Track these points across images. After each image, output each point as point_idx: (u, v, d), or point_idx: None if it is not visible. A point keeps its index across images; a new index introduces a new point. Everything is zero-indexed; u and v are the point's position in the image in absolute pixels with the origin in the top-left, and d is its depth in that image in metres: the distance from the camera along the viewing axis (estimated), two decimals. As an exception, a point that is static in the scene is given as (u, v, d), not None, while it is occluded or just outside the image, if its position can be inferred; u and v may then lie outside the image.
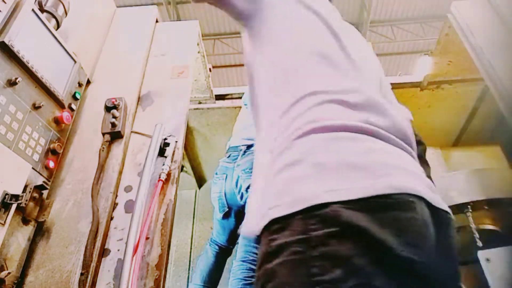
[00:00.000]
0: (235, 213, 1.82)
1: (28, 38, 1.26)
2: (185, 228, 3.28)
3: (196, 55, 2.11)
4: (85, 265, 1.15)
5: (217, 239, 1.91)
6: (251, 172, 1.67)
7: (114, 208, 1.35)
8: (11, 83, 1.17)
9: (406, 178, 0.62)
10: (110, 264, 1.23)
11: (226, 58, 10.11)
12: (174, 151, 1.49)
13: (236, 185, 1.75)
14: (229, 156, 1.86)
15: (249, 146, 1.79)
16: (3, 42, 1.14)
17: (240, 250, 1.57)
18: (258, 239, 0.65)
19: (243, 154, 1.77)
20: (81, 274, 1.14)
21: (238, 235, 1.72)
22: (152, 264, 1.24)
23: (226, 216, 1.84)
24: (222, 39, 9.63)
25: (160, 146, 1.45)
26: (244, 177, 1.70)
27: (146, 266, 1.23)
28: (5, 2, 1.20)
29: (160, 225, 1.32)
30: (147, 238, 1.27)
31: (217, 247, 1.90)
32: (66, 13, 1.61)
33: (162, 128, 1.48)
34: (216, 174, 1.88)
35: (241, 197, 1.74)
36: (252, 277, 1.47)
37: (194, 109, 2.71)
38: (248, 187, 1.68)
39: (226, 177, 1.80)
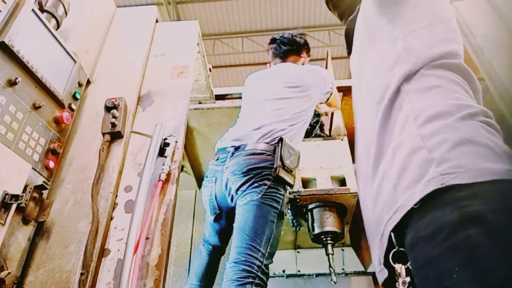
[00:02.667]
0: (226, 215, 1.83)
1: (28, 38, 1.26)
2: (185, 228, 3.28)
3: (196, 55, 2.11)
4: (85, 265, 1.16)
5: (209, 239, 1.91)
6: (240, 174, 1.67)
7: (114, 208, 1.35)
8: (11, 83, 1.17)
9: None
10: (110, 264, 1.23)
11: (226, 58, 10.11)
12: (174, 151, 1.49)
13: (226, 187, 1.74)
14: (217, 159, 1.86)
15: (236, 148, 1.78)
16: (3, 42, 1.14)
17: (233, 252, 1.56)
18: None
19: (231, 156, 1.76)
20: (81, 274, 1.14)
21: (230, 235, 1.72)
22: (152, 264, 1.24)
23: (217, 218, 1.85)
24: (222, 39, 9.63)
25: (160, 146, 1.45)
26: (233, 179, 1.70)
27: (146, 266, 1.23)
28: (5, 2, 1.20)
29: (160, 225, 1.32)
30: (147, 238, 1.27)
31: (210, 247, 1.90)
32: (66, 13, 1.61)
33: (162, 128, 1.48)
34: (206, 177, 1.88)
35: (231, 199, 1.74)
36: (245, 277, 1.47)
37: (194, 109, 2.71)
38: (238, 189, 1.68)
39: (216, 180, 1.80)
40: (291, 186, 1.75)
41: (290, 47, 2.21)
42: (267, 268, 1.55)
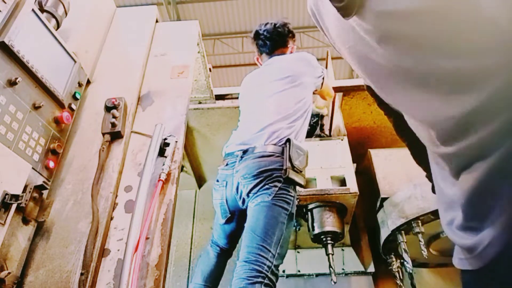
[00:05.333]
0: (237, 218, 1.83)
1: (28, 38, 1.26)
2: (185, 228, 3.28)
3: (196, 55, 2.11)
4: (85, 265, 1.16)
5: (218, 241, 1.91)
6: (251, 177, 1.67)
7: (114, 208, 1.35)
8: (11, 83, 1.17)
9: None
10: (110, 264, 1.23)
11: (226, 58, 10.12)
12: (174, 151, 1.49)
13: (237, 191, 1.75)
14: (226, 164, 1.86)
15: (244, 151, 1.78)
16: (3, 42, 1.14)
17: (243, 251, 1.57)
18: None
19: (240, 160, 1.76)
20: (81, 274, 1.14)
21: (239, 237, 1.72)
22: (152, 264, 1.24)
23: (228, 221, 1.86)
24: (222, 39, 9.64)
25: (160, 146, 1.45)
26: (244, 182, 1.70)
27: (146, 266, 1.23)
28: (5, 2, 1.20)
29: (160, 225, 1.32)
30: (147, 238, 1.27)
31: (218, 248, 1.91)
32: (66, 13, 1.61)
33: (162, 128, 1.48)
34: (217, 181, 1.89)
35: (243, 202, 1.75)
36: (255, 277, 1.47)
37: (194, 109, 2.71)
38: (249, 192, 1.68)
39: (227, 184, 1.81)
40: (302, 186, 1.74)
41: (275, 42, 2.18)
42: (277, 269, 1.56)
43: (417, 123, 0.82)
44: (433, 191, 0.97)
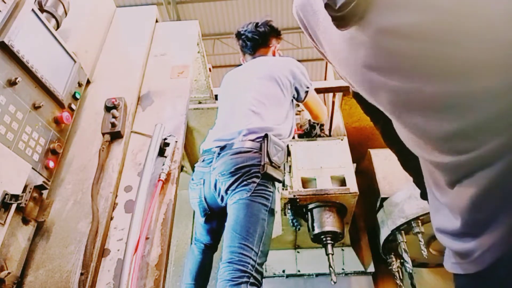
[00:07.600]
0: (217, 215, 1.82)
1: (28, 38, 1.26)
2: (185, 228, 3.28)
3: (196, 55, 2.11)
4: (85, 265, 1.16)
5: (201, 238, 1.91)
6: (228, 174, 1.65)
7: (114, 208, 1.35)
8: (11, 83, 1.17)
9: None
10: (110, 264, 1.23)
11: (226, 58, 10.12)
12: (174, 151, 1.49)
13: (215, 189, 1.73)
14: (203, 161, 1.84)
15: (222, 148, 1.76)
16: (3, 42, 1.14)
17: (225, 251, 1.54)
18: None
19: (218, 157, 1.75)
20: (81, 274, 1.14)
21: (222, 232, 1.70)
22: (152, 264, 1.24)
23: (208, 219, 1.84)
24: (222, 39, 9.65)
25: (160, 146, 1.45)
26: (221, 179, 1.68)
27: (146, 266, 1.23)
28: (5, 2, 1.21)
29: (160, 225, 1.32)
30: (147, 238, 1.27)
31: (202, 245, 1.90)
32: (66, 13, 1.61)
33: (162, 128, 1.48)
34: (193, 179, 1.87)
35: (221, 200, 1.73)
36: (239, 277, 1.46)
37: (194, 109, 2.71)
38: (227, 189, 1.66)
39: (204, 181, 1.79)
40: (280, 182, 1.73)
41: (255, 42, 2.15)
42: (261, 267, 1.54)
43: (412, 136, 0.79)
44: (422, 197, 0.96)
